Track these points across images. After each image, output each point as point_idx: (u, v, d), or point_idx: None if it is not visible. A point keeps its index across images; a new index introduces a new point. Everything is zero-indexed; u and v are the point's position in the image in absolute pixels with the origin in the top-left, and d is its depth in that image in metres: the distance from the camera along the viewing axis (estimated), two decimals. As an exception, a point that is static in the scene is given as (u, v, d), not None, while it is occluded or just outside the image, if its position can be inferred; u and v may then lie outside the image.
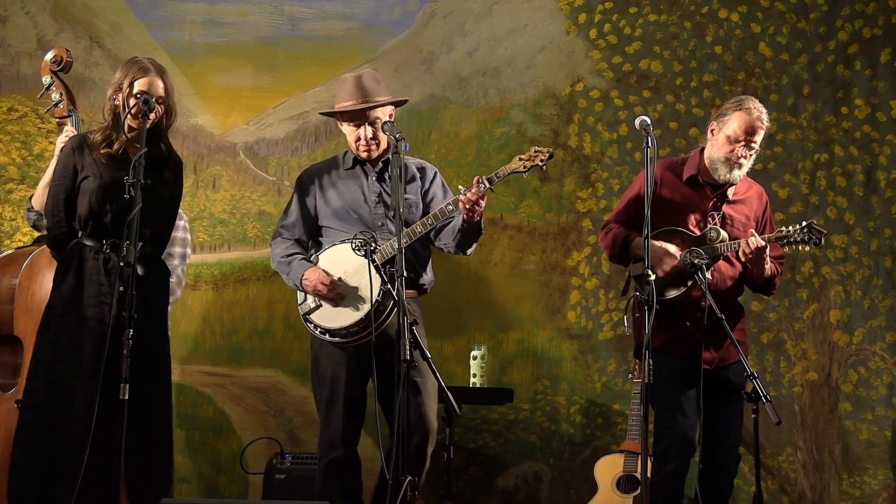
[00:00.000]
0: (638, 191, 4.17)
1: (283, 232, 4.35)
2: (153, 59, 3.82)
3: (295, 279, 4.18)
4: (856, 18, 5.78)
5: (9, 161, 5.43)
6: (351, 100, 4.26)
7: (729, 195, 4.18)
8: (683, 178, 4.21)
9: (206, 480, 5.32)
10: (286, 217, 4.38)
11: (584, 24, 5.75)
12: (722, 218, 4.15)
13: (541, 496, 5.44)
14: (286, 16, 5.68)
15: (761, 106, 4.10)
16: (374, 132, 4.24)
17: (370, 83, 4.28)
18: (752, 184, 4.32)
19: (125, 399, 3.28)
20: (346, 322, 4.06)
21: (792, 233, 4.00)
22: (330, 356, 4.12)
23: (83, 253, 3.67)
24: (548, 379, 5.52)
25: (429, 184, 4.38)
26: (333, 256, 4.16)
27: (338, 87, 4.38)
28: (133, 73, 3.72)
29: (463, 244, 4.23)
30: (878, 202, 5.69)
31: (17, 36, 5.54)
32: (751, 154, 4.09)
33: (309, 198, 4.33)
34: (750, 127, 4.05)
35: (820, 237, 4.00)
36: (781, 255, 4.22)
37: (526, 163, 4.08)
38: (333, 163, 4.41)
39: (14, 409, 4.01)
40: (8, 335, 4.15)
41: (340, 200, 4.27)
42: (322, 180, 4.34)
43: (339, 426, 4.06)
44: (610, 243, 4.21)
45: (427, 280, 4.33)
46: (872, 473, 5.50)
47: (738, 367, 3.99)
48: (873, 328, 5.60)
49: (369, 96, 4.24)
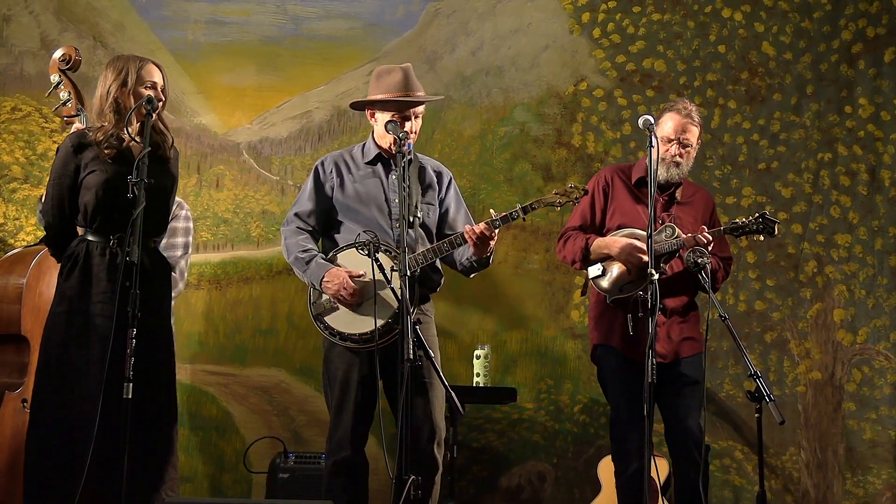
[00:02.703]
0: (591, 195, 4.33)
1: (297, 220, 4.15)
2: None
3: (314, 279, 4.02)
4: (859, 17, 5.78)
5: (12, 160, 5.43)
6: (398, 91, 4.11)
7: (677, 197, 4.31)
8: (632, 181, 4.34)
9: (209, 479, 5.32)
10: (301, 204, 4.18)
11: (587, 24, 5.75)
12: (672, 218, 4.27)
13: (544, 495, 5.45)
14: (289, 15, 5.69)
15: (693, 106, 4.31)
16: (413, 127, 4.11)
17: (415, 78, 4.16)
18: (699, 188, 4.52)
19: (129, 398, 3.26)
20: (364, 329, 3.93)
21: (746, 223, 4.13)
22: (341, 357, 4.04)
23: (89, 249, 3.64)
24: (551, 378, 5.52)
25: (444, 192, 4.25)
26: (354, 257, 3.99)
27: (378, 75, 4.19)
28: (135, 66, 3.68)
29: (468, 271, 4.18)
30: (882, 201, 5.69)
31: (21, 35, 5.55)
32: (686, 152, 4.25)
33: (326, 187, 4.17)
34: (680, 126, 4.24)
35: (773, 226, 4.13)
36: (729, 256, 4.37)
37: (561, 198, 3.96)
38: (351, 154, 4.24)
39: (21, 408, 4.02)
40: (15, 334, 4.15)
41: (359, 196, 4.13)
42: (341, 171, 4.18)
43: (348, 427, 4.01)
44: (572, 248, 4.29)
45: (440, 278, 4.27)
46: (876, 473, 5.50)
47: (692, 361, 4.18)
48: (877, 327, 5.60)
49: (414, 90, 4.12)
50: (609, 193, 4.34)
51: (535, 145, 5.68)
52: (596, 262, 4.23)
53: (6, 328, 4.16)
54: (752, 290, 5.61)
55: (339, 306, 4.01)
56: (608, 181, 4.36)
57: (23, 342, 4.14)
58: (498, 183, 5.56)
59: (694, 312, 4.31)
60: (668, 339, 4.21)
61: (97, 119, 3.73)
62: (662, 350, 4.16)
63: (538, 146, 5.67)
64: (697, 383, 4.14)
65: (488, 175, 5.64)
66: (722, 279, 4.35)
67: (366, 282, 3.96)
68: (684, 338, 4.23)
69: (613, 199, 4.33)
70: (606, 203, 4.34)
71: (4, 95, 5.48)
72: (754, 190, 5.67)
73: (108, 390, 3.37)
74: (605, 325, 4.24)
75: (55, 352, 3.59)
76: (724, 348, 5.45)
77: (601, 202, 4.34)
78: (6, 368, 4.17)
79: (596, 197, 4.35)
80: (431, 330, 4.13)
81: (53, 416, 3.54)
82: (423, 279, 4.06)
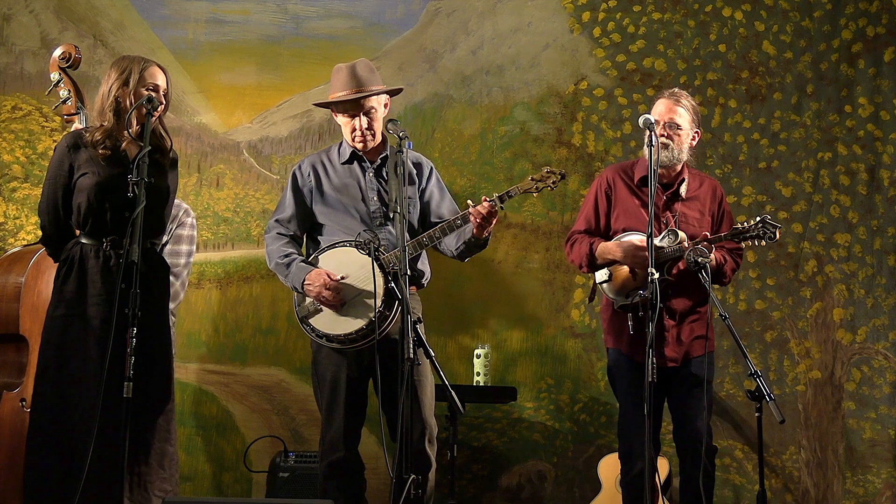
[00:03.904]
0: (594, 199, 4.34)
1: (277, 227, 4.23)
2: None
3: (295, 282, 4.08)
4: (859, 17, 5.78)
5: (13, 160, 5.43)
6: (345, 89, 4.17)
7: (682, 193, 4.28)
8: (635, 180, 4.32)
9: (209, 478, 5.32)
10: (281, 211, 4.26)
11: (587, 23, 5.75)
12: (676, 217, 4.24)
13: (544, 494, 5.45)
14: (290, 14, 5.69)
15: (684, 93, 4.33)
16: (370, 122, 4.15)
17: (364, 72, 4.19)
18: (705, 179, 4.44)
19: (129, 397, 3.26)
20: (348, 329, 3.97)
21: (747, 228, 4.08)
22: (329, 357, 4.06)
23: (83, 252, 3.64)
24: (551, 377, 5.52)
25: (425, 181, 4.29)
26: (335, 258, 4.06)
27: (332, 77, 4.28)
28: (138, 66, 3.68)
29: (464, 254, 4.19)
30: (882, 200, 5.69)
31: (21, 34, 5.55)
32: (674, 134, 4.21)
33: (304, 191, 4.23)
34: (666, 107, 4.25)
35: (774, 231, 4.07)
36: (739, 248, 4.32)
37: (538, 183, 4.00)
38: (328, 156, 4.29)
39: (20, 408, 4.01)
40: (13, 334, 4.15)
41: (337, 196, 4.18)
42: (318, 174, 4.23)
43: (340, 427, 4.02)
44: (578, 252, 4.30)
45: (425, 276, 4.29)
46: (876, 472, 5.50)
47: (702, 361, 4.14)
48: (876, 327, 5.60)
49: (363, 85, 4.15)
50: (612, 196, 4.32)
51: (535, 144, 5.68)
52: (602, 266, 4.22)
53: (5, 327, 4.15)
54: (753, 289, 5.61)
55: (323, 308, 4.02)
56: (610, 183, 4.34)
57: (22, 342, 4.14)
58: (498, 182, 5.56)
59: (703, 307, 4.26)
60: (678, 341, 4.20)
61: (97, 118, 3.72)
62: (672, 354, 4.17)
63: (538, 145, 5.67)
64: (707, 383, 4.12)
65: (488, 174, 5.64)
66: (732, 271, 4.31)
67: (347, 283, 3.98)
68: (695, 337, 4.22)
69: (616, 201, 4.32)
70: (610, 206, 4.32)
71: (5, 94, 5.48)
72: (754, 189, 5.67)
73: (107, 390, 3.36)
74: (616, 328, 4.24)
75: (53, 355, 3.58)
76: (724, 347, 5.45)
77: (604, 205, 4.33)
78: (5, 368, 4.16)
79: (599, 200, 4.34)
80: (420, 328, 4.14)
81: (52, 418, 3.54)
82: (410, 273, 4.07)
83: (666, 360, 4.13)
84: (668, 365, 4.12)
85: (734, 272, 4.35)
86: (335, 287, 3.99)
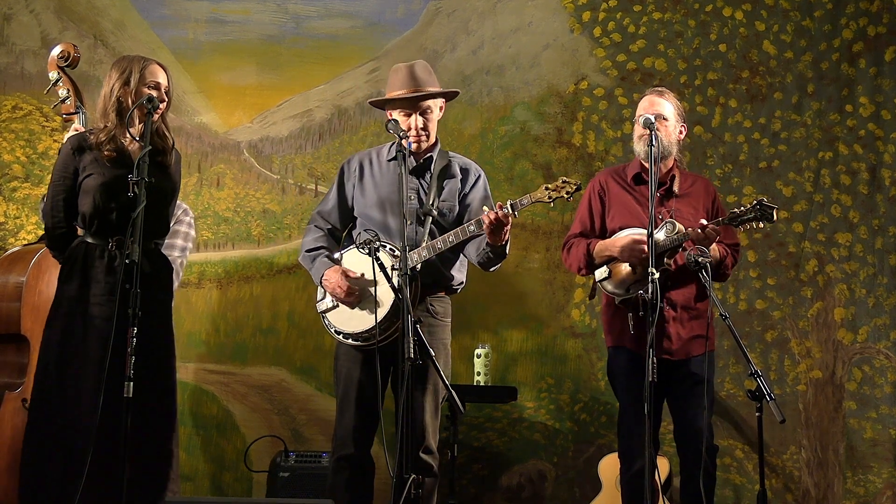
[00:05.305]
0: (588, 202, 4.37)
1: (317, 219, 4.27)
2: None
3: (316, 277, 4.15)
4: (860, 16, 5.78)
5: (13, 159, 5.43)
6: (403, 88, 4.19)
7: (675, 191, 4.29)
8: (628, 179, 4.34)
9: (210, 478, 5.32)
10: (324, 203, 4.31)
11: (588, 22, 5.75)
12: (672, 213, 4.24)
13: (545, 494, 5.45)
14: (290, 14, 5.69)
15: (664, 88, 4.39)
16: (425, 122, 4.18)
17: (422, 73, 4.22)
18: (697, 178, 4.48)
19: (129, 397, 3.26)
20: (359, 328, 4.01)
21: (745, 211, 4.06)
22: (348, 354, 4.10)
23: (88, 252, 3.64)
24: (552, 377, 5.52)
25: (469, 188, 4.29)
26: (357, 256, 4.04)
27: (389, 76, 4.30)
28: (139, 66, 3.69)
29: (485, 264, 4.16)
30: (883, 200, 5.69)
31: (22, 34, 5.55)
32: (661, 125, 4.19)
33: (348, 186, 4.26)
34: (650, 101, 4.30)
35: (772, 212, 4.05)
36: (736, 243, 4.32)
37: (552, 193, 3.95)
38: (378, 152, 4.32)
39: (21, 408, 4.01)
40: (14, 334, 4.15)
41: (376, 192, 4.20)
42: (363, 169, 4.26)
43: (350, 424, 4.03)
44: (576, 255, 4.31)
45: (456, 281, 4.27)
46: (876, 472, 5.50)
47: (702, 360, 4.13)
48: (877, 326, 5.60)
49: (421, 86, 4.18)
50: (605, 197, 4.35)
51: (535, 144, 5.68)
52: (601, 265, 4.23)
53: (6, 327, 4.15)
54: (753, 288, 5.61)
55: (339, 304, 4.07)
56: (602, 185, 4.37)
57: (23, 342, 4.14)
58: (498, 182, 5.55)
59: (703, 304, 4.25)
60: (678, 335, 4.20)
61: (100, 119, 3.73)
62: (671, 346, 4.17)
63: (539, 145, 5.67)
64: (707, 382, 4.12)
65: (489, 174, 5.54)
66: (732, 265, 4.31)
67: (365, 280, 4.00)
68: (694, 335, 4.22)
69: (610, 202, 4.33)
70: (604, 207, 4.34)
71: (5, 94, 5.49)
72: (755, 189, 5.67)
73: (107, 391, 3.37)
74: (618, 326, 4.23)
75: (55, 354, 3.59)
76: (724, 347, 5.44)
77: (598, 207, 4.35)
78: (6, 368, 4.16)
79: (592, 203, 4.36)
80: (441, 333, 4.15)
81: (52, 418, 3.54)
82: (434, 276, 4.07)
83: (665, 352, 4.11)
84: (663, 357, 4.08)
85: (733, 267, 4.36)
86: (348, 286, 4.02)
